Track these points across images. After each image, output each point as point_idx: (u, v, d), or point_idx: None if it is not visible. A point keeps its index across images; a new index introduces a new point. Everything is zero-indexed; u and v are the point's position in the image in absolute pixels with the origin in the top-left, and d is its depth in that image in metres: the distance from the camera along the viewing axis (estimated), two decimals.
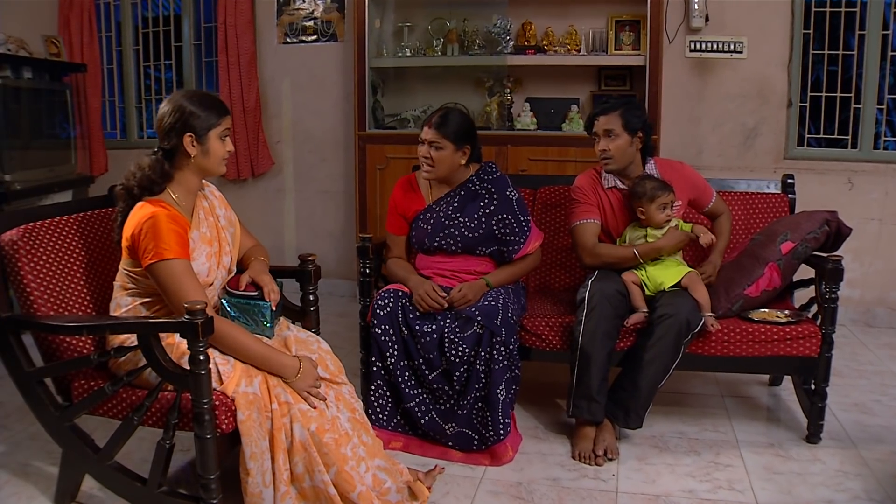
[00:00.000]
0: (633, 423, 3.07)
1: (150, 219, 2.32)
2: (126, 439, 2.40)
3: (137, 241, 2.33)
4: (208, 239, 2.52)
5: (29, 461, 2.98)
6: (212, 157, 2.47)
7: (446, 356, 2.98)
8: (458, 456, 3.01)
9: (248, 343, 2.38)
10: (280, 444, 2.34)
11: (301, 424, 2.35)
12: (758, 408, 3.59)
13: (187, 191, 2.51)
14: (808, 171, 4.74)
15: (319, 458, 2.35)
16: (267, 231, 5.68)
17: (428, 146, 3.18)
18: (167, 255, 2.29)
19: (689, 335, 3.02)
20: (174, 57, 5.81)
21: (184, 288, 2.30)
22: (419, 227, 3.30)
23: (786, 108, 4.84)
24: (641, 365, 3.02)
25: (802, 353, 3.07)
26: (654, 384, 3.04)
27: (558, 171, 4.56)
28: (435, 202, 3.30)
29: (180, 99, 2.43)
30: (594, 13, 4.87)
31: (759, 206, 3.72)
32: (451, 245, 3.23)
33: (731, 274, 3.28)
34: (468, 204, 3.25)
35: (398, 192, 3.39)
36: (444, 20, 5.05)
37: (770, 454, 3.06)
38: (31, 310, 2.45)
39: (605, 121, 3.25)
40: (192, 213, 2.52)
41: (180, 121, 2.41)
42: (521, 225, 3.23)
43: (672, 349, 3.00)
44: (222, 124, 2.48)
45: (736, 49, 4.75)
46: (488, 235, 3.22)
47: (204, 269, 2.46)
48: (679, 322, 2.98)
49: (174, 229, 2.33)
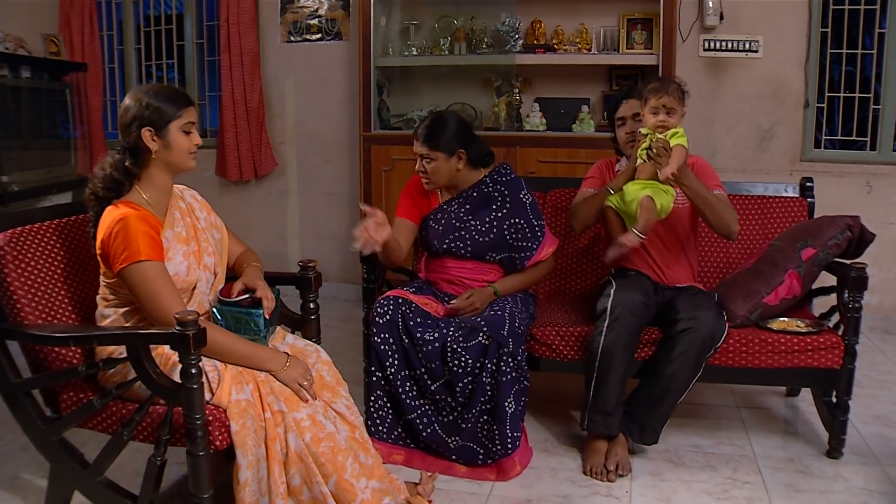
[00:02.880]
0: (648, 439, 2.95)
1: (120, 221, 2.21)
2: (116, 455, 2.28)
3: (108, 247, 2.22)
4: (184, 238, 2.40)
5: (19, 473, 2.88)
6: (175, 151, 2.34)
7: (449, 366, 2.86)
8: (462, 471, 2.89)
9: (228, 342, 2.28)
10: (275, 456, 2.23)
11: (296, 434, 2.25)
12: (775, 420, 3.46)
13: (159, 190, 2.38)
14: (825, 174, 4.62)
15: (317, 469, 2.25)
16: (270, 233, 5.61)
17: (421, 159, 3.10)
18: (137, 257, 2.18)
19: (713, 349, 2.90)
20: (176, 56, 5.75)
21: (158, 292, 2.19)
22: (430, 227, 3.20)
23: (802, 109, 4.73)
24: (661, 380, 2.90)
25: (824, 365, 2.93)
26: (674, 400, 2.92)
27: (568, 173, 4.45)
28: (446, 202, 3.21)
29: (139, 93, 2.32)
30: (605, 11, 4.78)
31: (777, 211, 3.59)
32: (460, 249, 3.13)
33: (748, 281, 3.15)
34: (480, 207, 3.16)
35: (412, 185, 3.30)
36: (451, 18, 4.98)
37: (790, 470, 2.93)
38: (17, 318, 2.33)
39: (633, 104, 3.15)
40: (165, 213, 2.40)
41: (138, 115, 2.29)
42: (535, 230, 3.13)
43: (694, 364, 2.88)
44: (184, 116, 2.34)
45: (751, 48, 4.68)
46: (500, 241, 3.12)
47: (182, 268, 2.35)
48: (702, 337, 2.85)
49: (144, 230, 2.22)
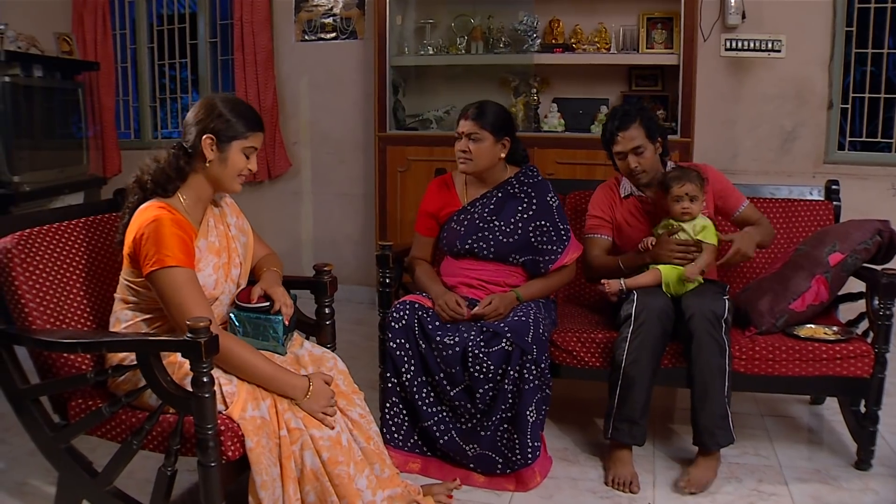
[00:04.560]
0: (723, 440, 2.81)
1: (153, 222, 2.14)
2: (125, 464, 2.21)
3: (139, 247, 2.15)
4: (216, 249, 2.35)
5: (27, 479, 2.83)
6: (228, 169, 2.29)
7: (470, 371, 2.79)
8: (480, 480, 2.82)
9: (253, 361, 2.19)
10: (290, 474, 2.17)
11: (313, 452, 2.18)
12: (799, 429, 3.37)
13: (198, 198, 2.34)
14: (849, 177, 4.51)
15: (332, 489, 2.18)
16: (283, 235, 5.56)
17: (466, 139, 3.03)
18: (169, 262, 2.11)
19: (723, 323, 2.78)
20: (189, 55, 5.74)
21: (187, 300, 2.12)
22: (451, 229, 3.13)
23: (826, 110, 4.64)
24: (695, 381, 2.80)
25: (853, 374, 2.84)
26: (721, 391, 2.78)
27: (587, 174, 4.38)
28: (470, 203, 3.14)
29: (216, 98, 2.29)
30: (625, 10, 4.71)
31: (802, 214, 3.49)
32: (482, 249, 3.05)
33: (774, 286, 3.06)
34: (505, 207, 3.08)
35: (432, 191, 3.25)
36: (468, 17, 4.92)
37: (817, 482, 2.84)
38: (25, 322, 2.27)
39: (629, 136, 3.06)
40: (200, 222, 2.35)
41: (205, 119, 2.25)
42: (560, 233, 3.06)
43: (712, 346, 2.76)
44: (250, 139, 2.30)
45: (774, 48, 4.60)
46: (523, 242, 3.05)
47: (210, 281, 2.29)
48: (703, 317, 2.76)
49: (178, 234, 2.16)
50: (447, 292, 2.98)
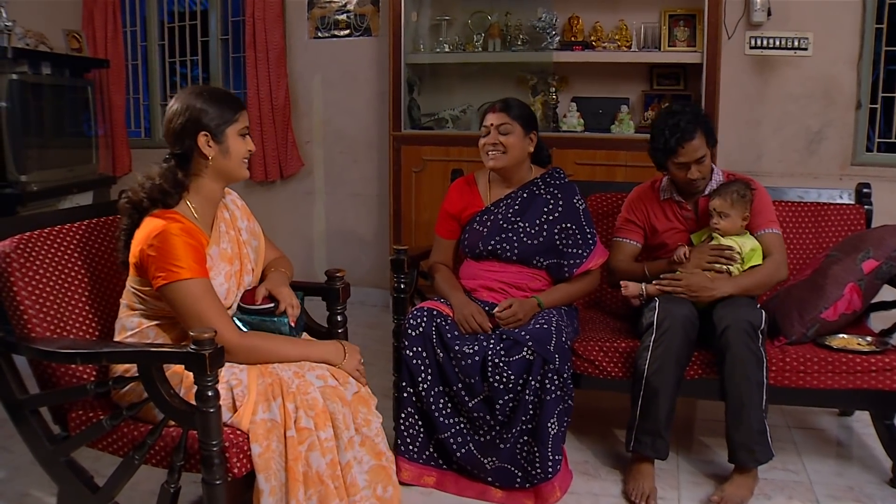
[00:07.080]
0: (763, 457, 2.70)
1: (160, 234, 2.06)
2: (127, 479, 2.11)
3: (146, 260, 2.07)
4: (229, 256, 2.27)
5: (28, 490, 2.75)
6: (233, 158, 2.24)
7: (489, 381, 2.68)
8: (498, 495, 2.71)
9: (283, 350, 2.23)
10: (296, 477, 2.07)
11: (319, 454, 2.09)
12: (829, 442, 3.25)
13: (207, 200, 2.26)
14: (878, 179, 4.35)
15: (335, 493, 2.10)
16: (295, 236, 5.48)
17: (495, 132, 2.94)
18: (183, 274, 2.05)
19: (759, 334, 2.67)
20: (200, 53, 5.67)
21: (206, 311, 2.07)
22: (473, 230, 3.03)
23: (854, 110, 4.50)
24: (730, 395, 2.69)
25: (889, 388, 2.71)
26: (756, 406, 2.67)
27: (607, 176, 4.29)
28: (494, 203, 3.04)
29: (188, 96, 2.19)
30: (646, 7, 4.59)
31: (831, 219, 3.36)
32: (506, 251, 2.95)
33: (804, 295, 2.93)
34: (530, 207, 2.99)
35: (454, 193, 3.16)
36: (485, 14, 4.82)
37: (850, 500, 2.72)
38: (25, 330, 2.18)
39: (693, 147, 2.88)
40: (211, 226, 2.26)
41: (191, 119, 2.16)
42: (587, 237, 2.97)
43: (750, 359, 2.65)
44: (239, 120, 2.24)
45: (800, 46, 4.48)
46: (548, 245, 2.95)
47: (222, 290, 2.20)
48: (740, 328, 2.65)
49: (189, 243, 2.08)
50: (469, 303, 2.88)
